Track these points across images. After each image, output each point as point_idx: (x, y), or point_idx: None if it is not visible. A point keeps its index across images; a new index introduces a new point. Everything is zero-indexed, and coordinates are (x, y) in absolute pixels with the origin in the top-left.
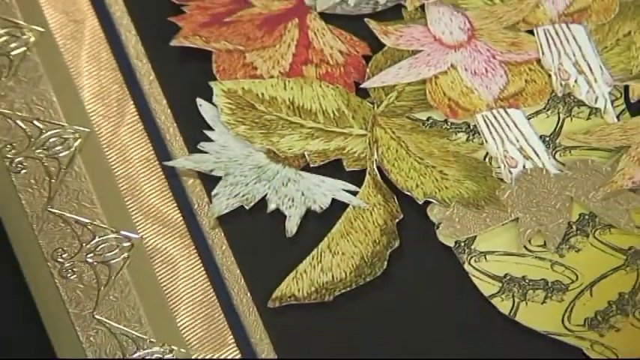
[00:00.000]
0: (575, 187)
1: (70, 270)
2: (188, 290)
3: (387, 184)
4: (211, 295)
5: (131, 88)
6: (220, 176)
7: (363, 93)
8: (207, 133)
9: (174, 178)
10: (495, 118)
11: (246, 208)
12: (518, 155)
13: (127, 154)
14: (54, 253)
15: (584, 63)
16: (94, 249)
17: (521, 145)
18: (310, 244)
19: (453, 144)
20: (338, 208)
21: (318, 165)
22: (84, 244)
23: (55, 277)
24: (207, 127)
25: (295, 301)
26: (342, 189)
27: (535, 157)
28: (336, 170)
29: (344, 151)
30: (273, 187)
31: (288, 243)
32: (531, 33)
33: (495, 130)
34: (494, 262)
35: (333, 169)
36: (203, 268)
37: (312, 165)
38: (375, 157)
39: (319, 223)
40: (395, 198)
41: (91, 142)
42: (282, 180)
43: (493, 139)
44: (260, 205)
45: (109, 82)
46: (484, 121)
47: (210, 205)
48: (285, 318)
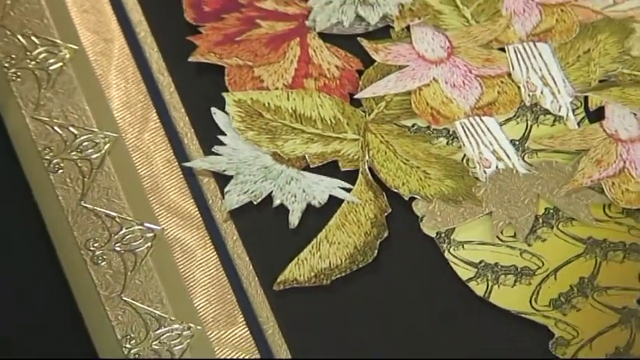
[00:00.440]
0: (541, 185)
1: (101, 257)
2: (203, 275)
3: (377, 182)
4: (224, 280)
5: (154, 98)
6: (232, 175)
7: (356, 103)
8: (221, 137)
9: (191, 177)
10: (472, 124)
11: (255, 203)
12: (491, 157)
13: (150, 156)
14: (86, 242)
15: (549, 77)
16: (121, 239)
17: (494, 149)
18: (310, 234)
19: (434, 147)
20: (334, 203)
21: (317, 165)
22: (113, 234)
23: (88, 263)
24: (221, 133)
25: (297, 285)
26: (338, 186)
27: (506, 158)
28: (333, 170)
29: (339, 154)
30: (277, 185)
31: (291, 234)
32: (503, 50)
33: (472, 135)
34: (470, 250)
35: (330, 169)
36: (217, 255)
37: (311, 166)
38: (367, 158)
39: (318, 216)
40: (384, 194)
41: (119, 146)
42: (286, 179)
43: (470, 143)
44: (266, 201)
45: (134, 93)
46: (462, 128)
47: (223, 201)
48: (288, 299)
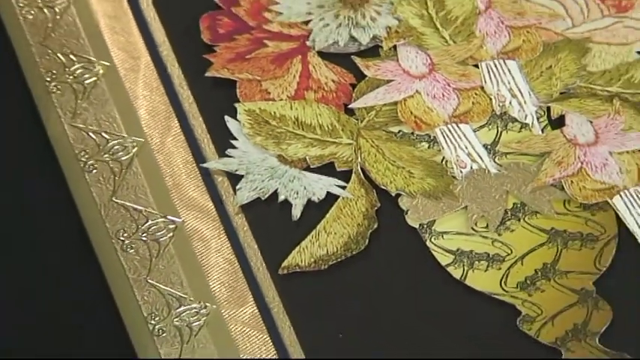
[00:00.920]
0: (510, 183)
1: (129, 245)
2: (218, 261)
3: (368, 180)
4: (236, 265)
5: (175, 108)
6: (242, 175)
7: (350, 112)
8: (233, 142)
9: (207, 176)
10: (450, 131)
11: (262, 199)
12: (466, 159)
13: (171, 158)
14: (117, 232)
15: (516, 89)
16: (147, 230)
17: (469, 152)
18: (310, 226)
19: (417, 150)
20: (331, 198)
21: (316, 166)
22: (139, 225)
23: (118, 251)
24: (233, 138)
25: (299, 270)
26: (334, 184)
27: (479, 160)
28: (330, 170)
29: (335, 156)
30: (282, 183)
31: (293, 225)
32: (477, 66)
33: (450, 140)
34: (448, 239)
35: (327, 169)
36: (229, 244)
37: (311, 166)
38: (359, 160)
39: (317, 210)
40: (374, 191)
41: (145, 149)
42: (289, 177)
43: (448, 146)
44: (273, 197)
45: (158, 104)
46: (441, 133)
47: (235, 197)
48: (291, 282)
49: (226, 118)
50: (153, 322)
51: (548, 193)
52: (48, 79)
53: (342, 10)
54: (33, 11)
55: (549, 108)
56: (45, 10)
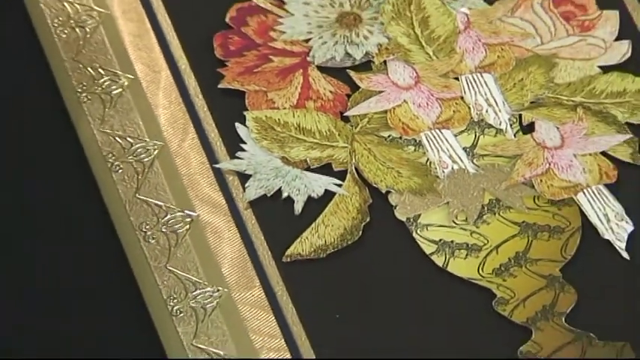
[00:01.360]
0: (486, 182)
1: (151, 236)
2: (229, 250)
3: (361, 179)
4: (244, 253)
5: (191, 115)
6: (250, 174)
7: (345, 119)
8: (242, 145)
9: (220, 175)
10: (433, 135)
11: (268, 195)
12: (448, 160)
13: (188, 159)
14: (140, 225)
15: (492, 99)
16: (166, 222)
17: (451, 154)
18: (310, 219)
19: (405, 153)
20: (329, 195)
21: (315, 167)
22: (160, 219)
23: (141, 241)
24: (242, 142)
25: (300, 257)
26: (331, 183)
27: (460, 161)
28: (328, 170)
29: (333, 158)
30: (286, 181)
31: (296, 219)
32: (457, 79)
33: (433, 144)
34: (432, 231)
35: (325, 169)
36: (239, 235)
37: (312, 167)
38: (354, 161)
39: (316, 205)
40: (367, 188)
41: (165, 152)
42: (292, 177)
43: (432, 149)
44: (277, 194)
45: (177, 112)
46: (426, 138)
47: (244, 194)
48: (294, 269)
49: (236, 124)
50: (172, 303)
51: (520, 190)
52: (79, 90)
53: (339, 30)
54: (66, 30)
55: (521, 115)
56: (77, 30)
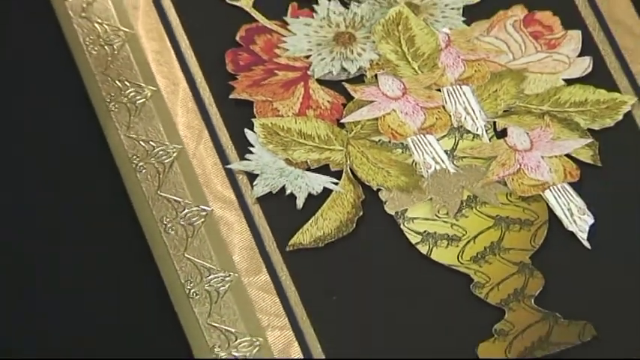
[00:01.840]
0: (465, 180)
1: (171, 228)
2: (239, 240)
3: (355, 178)
4: (253, 243)
5: (206, 122)
6: (258, 174)
7: (341, 125)
8: (251, 148)
9: (231, 175)
10: (418, 140)
11: (273, 192)
12: (431, 162)
13: (203, 161)
14: (161, 218)
15: (470, 108)
16: (184, 216)
17: (434, 156)
18: (311, 213)
19: (393, 155)
20: (327, 192)
21: (315, 167)
22: (178, 213)
23: (162, 232)
24: (250, 145)
25: (301, 247)
26: (329, 181)
27: (441, 162)
28: (326, 170)
29: (330, 159)
30: (289, 180)
31: (298, 213)
32: (439, 90)
33: (418, 147)
34: (417, 223)
35: (324, 169)
36: (248, 227)
37: (311, 167)
38: (348, 162)
39: (316, 201)
40: (360, 186)
41: (183, 154)
42: (294, 176)
43: (417, 152)
44: (281, 191)
45: (193, 119)
46: (412, 142)
47: (252, 191)
48: (296, 256)
49: (245, 130)
50: (189, 287)
51: (494, 187)
52: (108, 100)
53: (335, 48)
54: (96, 48)
55: (495, 122)
56: (106, 47)
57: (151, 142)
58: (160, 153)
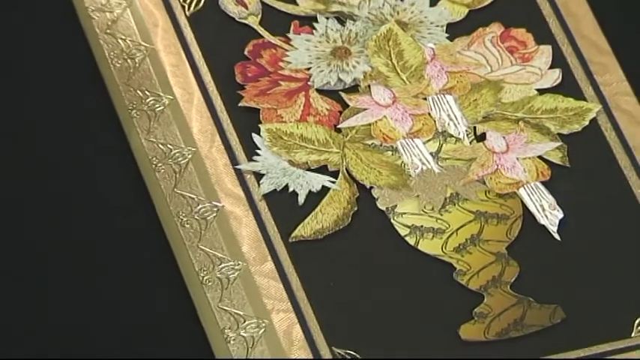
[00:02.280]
0: (448, 179)
1: (186, 222)
2: (247, 232)
3: (350, 177)
4: (259, 235)
5: (218, 127)
6: (264, 173)
7: (338, 130)
8: (257, 151)
9: (240, 174)
10: (407, 143)
11: (277, 190)
12: (418, 162)
13: (215, 162)
14: (177, 213)
15: (452, 115)
16: (198, 211)
17: (420, 157)
18: (311, 208)
19: (385, 156)
20: (325, 190)
21: (315, 167)
22: (193, 208)
23: (178, 226)
24: (257, 148)
25: (303, 239)
26: (327, 180)
27: (427, 163)
28: (324, 170)
29: (328, 160)
30: (291, 179)
31: (299, 208)
32: (425, 99)
33: (407, 150)
34: (406, 217)
35: (323, 170)
36: (254, 221)
37: (312, 168)
38: (344, 163)
39: (315, 198)
40: (355, 185)
41: (197, 156)
42: (296, 175)
43: (406, 154)
44: (285, 189)
45: (206, 124)
46: (401, 145)
47: (259, 189)
48: (298, 247)
49: (253, 134)
50: (202, 274)
51: (474, 186)
52: (130, 107)
53: (333, 61)
54: (120, 61)
55: (475, 127)
56: (128, 60)
57: (169, 145)
58: (177, 155)
